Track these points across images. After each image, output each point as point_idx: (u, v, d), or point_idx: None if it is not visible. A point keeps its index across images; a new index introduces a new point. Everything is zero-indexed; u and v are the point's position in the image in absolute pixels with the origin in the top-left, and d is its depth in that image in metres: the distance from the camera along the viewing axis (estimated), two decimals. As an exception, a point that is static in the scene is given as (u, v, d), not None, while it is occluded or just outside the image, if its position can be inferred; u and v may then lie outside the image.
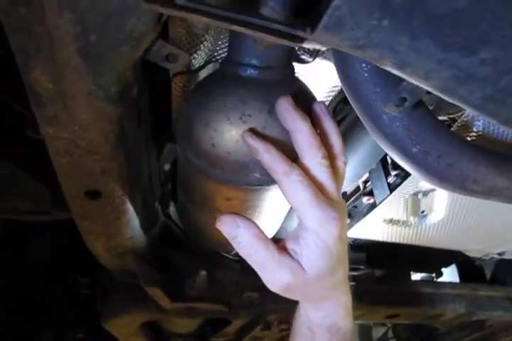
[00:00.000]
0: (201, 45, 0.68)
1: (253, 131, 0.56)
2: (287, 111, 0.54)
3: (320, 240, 0.53)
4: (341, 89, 0.79)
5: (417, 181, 0.82)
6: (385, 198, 0.85)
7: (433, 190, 0.86)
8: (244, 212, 0.70)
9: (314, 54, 0.70)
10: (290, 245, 0.56)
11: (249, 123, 0.56)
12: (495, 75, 0.39)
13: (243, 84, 0.58)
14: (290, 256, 0.55)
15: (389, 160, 0.90)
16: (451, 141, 0.59)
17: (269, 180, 0.61)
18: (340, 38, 0.37)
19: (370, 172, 0.95)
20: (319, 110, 0.60)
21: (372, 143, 0.87)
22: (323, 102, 0.63)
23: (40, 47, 0.44)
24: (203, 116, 0.58)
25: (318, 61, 0.73)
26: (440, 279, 1.65)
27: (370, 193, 0.96)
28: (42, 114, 0.52)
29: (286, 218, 0.88)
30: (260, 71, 0.58)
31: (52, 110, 0.51)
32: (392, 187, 0.87)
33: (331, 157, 0.58)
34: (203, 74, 0.72)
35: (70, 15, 0.41)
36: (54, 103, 0.50)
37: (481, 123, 0.76)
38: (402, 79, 0.51)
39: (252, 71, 0.58)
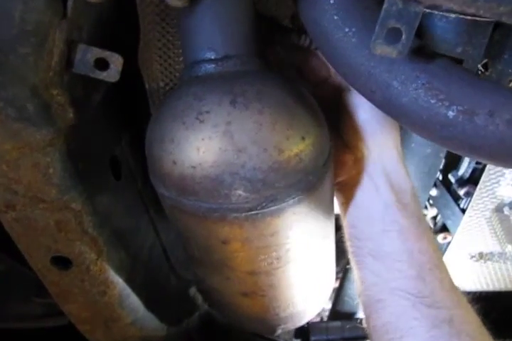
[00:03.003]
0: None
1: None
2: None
3: None
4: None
5: (494, 187, 0.59)
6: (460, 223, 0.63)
7: (522, 196, 0.62)
8: (264, 258, 0.52)
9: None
10: None
11: (209, 121, 0.42)
12: None
13: (198, 82, 0.46)
14: None
15: (452, 178, 0.69)
16: (499, 90, 0.40)
17: (262, 198, 0.44)
18: None
19: (434, 201, 0.73)
20: None
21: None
22: None
23: None
24: (159, 130, 0.46)
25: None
26: None
27: (444, 228, 0.73)
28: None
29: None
30: (217, 64, 0.47)
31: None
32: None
33: None
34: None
35: None
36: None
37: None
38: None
39: (207, 66, 0.47)
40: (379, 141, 0.56)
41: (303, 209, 0.49)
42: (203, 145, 0.42)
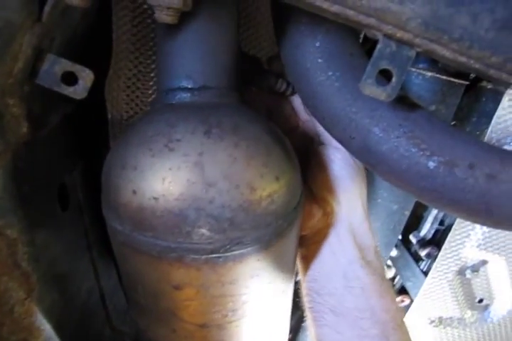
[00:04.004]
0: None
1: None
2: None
3: None
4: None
5: (458, 248, 0.58)
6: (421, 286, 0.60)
7: (484, 261, 0.61)
8: (218, 309, 0.47)
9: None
10: None
11: (179, 150, 0.39)
12: None
13: (172, 109, 0.43)
14: None
15: (413, 239, 0.68)
16: (479, 143, 0.40)
17: (227, 240, 0.40)
18: None
19: (393, 262, 0.71)
20: None
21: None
22: None
23: None
24: (121, 156, 0.42)
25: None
26: None
27: (403, 291, 0.70)
28: None
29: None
30: (194, 93, 0.44)
31: None
32: (428, 273, 0.63)
33: None
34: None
35: None
36: None
37: None
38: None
39: (183, 94, 0.44)
40: (349, 196, 0.55)
41: (268, 257, 0.45)
42: (169, 176, 0.39)
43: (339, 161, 0.54)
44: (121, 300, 0.71)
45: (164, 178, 0.39)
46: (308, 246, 0.58)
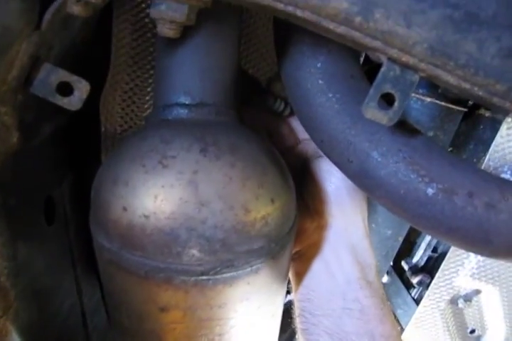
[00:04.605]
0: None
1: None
2: None
3: None
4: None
5: (452, 276, 0.57)
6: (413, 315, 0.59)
7: (477, 291, 0.60)
8: (204, 333, 0.45)
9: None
10: None
11: (173, 167, 0.38)
12: None
13: (168, 125, 0.42)
14: None
15: (405, 266, 0.67)
16: (478, 172, 0.40)
17: (218, 262, 0.39)
18: None
19: (384, 289, 0.69)
20: None
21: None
22: None
23: None
24: (112, 171, 0.41)
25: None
26: None
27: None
28: None
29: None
30: (191, 109, 0.43)
31: None
32: (419, 301, 0.61)
33: None
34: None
35: None
36: None
37: None
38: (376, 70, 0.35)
39: (179, 110, 0.43)
40: (346, 210, 0.53)
41: (258, 281, 0.43)
42: (161, 193, 0.37)
43: (338, 173, 0.51)
44: (102, 320, 0.68)
45: (156, 196, 0.37)
46: (302, 262, 0.55)
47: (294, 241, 0.48)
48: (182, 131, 0.40)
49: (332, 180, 0.52)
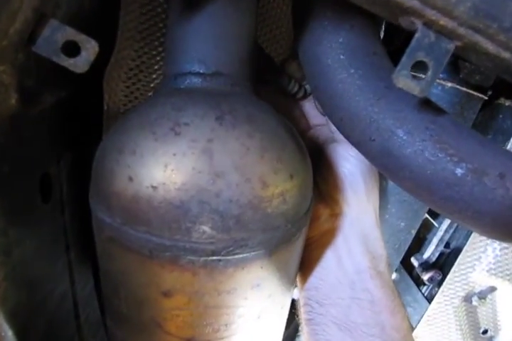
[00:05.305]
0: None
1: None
2: None
3: None
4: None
5: (468, 272, 0.55)
6: (424, 313, 0.56)
7: (492, 288, 0.57)
8: (210, 322, 0.41)
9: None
10: None
11: (186, 135, 0.35)
12: None
13: (180, 93, 0.40)
14: None
15: (414, 262, 0.64)
16: (508, 153, 0.37)
17: (231, 241, 0.36)
18: None
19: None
20: None
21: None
22: None
23: None
24: (118, 139, 0.38)
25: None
26: None
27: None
28: None
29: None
30: (205, 79, 0.40)
31: None
32: (430, 299, 0.59)
33: None
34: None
35: None
36: None
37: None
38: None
39: (193, 79, 0.40)
40: (361, 198, 0.50)
41: (272, 265, 0.40)
42: (172, 162, 0.34)
43: (352, 159, 0.49)
44: (95, 311, 0.64)
45: (167, 165, 0.34)
46: (312, 251, 0.52)
47: (307, 227, 0.45)
48: (196, 99, 0.38)
49: (347, 165, 0.50)
